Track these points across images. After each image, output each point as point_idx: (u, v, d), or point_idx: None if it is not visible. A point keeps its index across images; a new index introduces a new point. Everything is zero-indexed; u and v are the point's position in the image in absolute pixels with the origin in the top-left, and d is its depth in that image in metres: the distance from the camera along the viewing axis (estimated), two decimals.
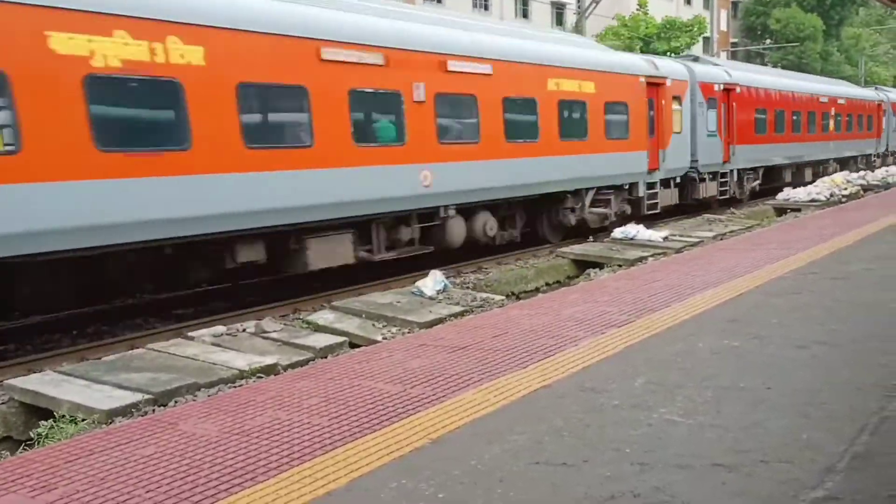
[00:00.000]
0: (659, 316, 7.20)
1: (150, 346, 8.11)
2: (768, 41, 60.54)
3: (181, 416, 5.10)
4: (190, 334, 8.54)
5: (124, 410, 6.16)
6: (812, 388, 4.95)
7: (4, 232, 7.57)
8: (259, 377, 6.84)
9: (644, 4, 42.13)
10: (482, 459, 4.04)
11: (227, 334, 8.55)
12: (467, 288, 11.53)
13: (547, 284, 13.09)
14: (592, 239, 15.80)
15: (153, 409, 6.14)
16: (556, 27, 42.28)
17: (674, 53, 39.13)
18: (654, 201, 18.03)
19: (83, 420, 6.14)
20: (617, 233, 15.27)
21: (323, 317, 9.55)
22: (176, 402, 6.30)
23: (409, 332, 8.49)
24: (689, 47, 41.04)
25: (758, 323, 6.73)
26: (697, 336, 6.38)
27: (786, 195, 22.36)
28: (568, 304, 8.04)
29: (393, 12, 12.27)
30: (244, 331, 8.71)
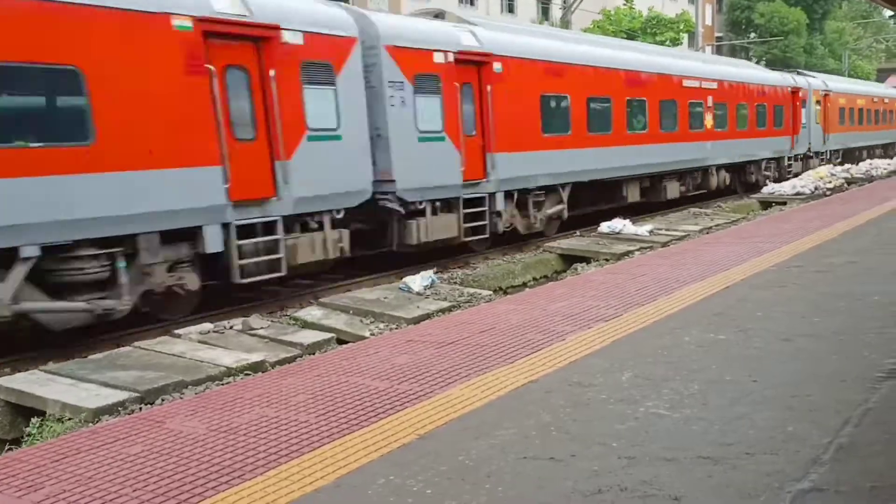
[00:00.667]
0: (645, 310, 7.23)
1: (136, 344, 8.08)
2: (753, 35, 60.82)
3: (168, 414, 5.08)
4: (177, 332, 8.52)
5: (111, 409, 6.13)
6: (797, 380, 4.99)
7: None
8: (246, 374, 6.83)
9: None
10: (470, 455, 4.05)
11: (214, 331, 8.53)
12: (454, 283, 11.53)
13: (534, 279, 13.12)
14: (580, 234, 15.85)
15: (140, 408, 6.12)
16: (541, 22, 42.26)
17: None
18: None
19: (70, 419, 6.11)
20: (603, 227, 15.33)
21: (310, 313, 9.54)
22: (163, 400, 6.28)
23: (396, 328, 8.50)
24: (675, 42, 41.16)
25: (743, 316, 6.78)
26: (684, 330, 6.42)
27: (770, 189, 22.50)
28: (555, 299, 8.06)
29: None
30: (231, 328, 8.69)
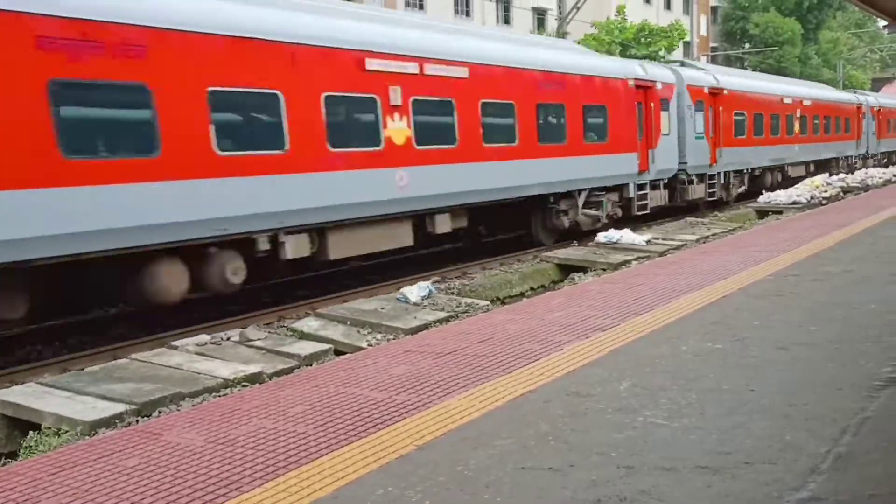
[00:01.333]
0: (643, 319, 7.23)
1: (133, 356, 8.05)
2: (748, 45, 61.08)
3: (165, 427, 5.07)
4: (174, 343, 8.50)
5: (108, 421, 6.11)
6: (794, 389, 4.99)
7: None
8: (244, 386, 6.81)
9: (623, 10, 42.40)
10: (468, 465, 4.04)
11: (212, 343, 8.52)
12: (452, 293, 11.53)
13: (531, 289, 13.12)
14: (577, 243, 15.86)
15: (137, 420, 6.09)
16: (536, 32, 42.40)
17: (652, 59, 39.43)
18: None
19: (66, 432, 6.09)
20: (601, 237, 15.34)
21: (308, 324, 9.52)
22: (160, 412, 6.26)
23: (394, 339, 8.49)
24: (669, 52, 41.31)
25: (740, 325, 6.79)
26: (681, 339, 6.42)
27: (767, 198, 22.55)
28: (552, 309, 8.07)
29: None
30: (228, 339, 8.67)
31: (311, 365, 7.46)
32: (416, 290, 10.57)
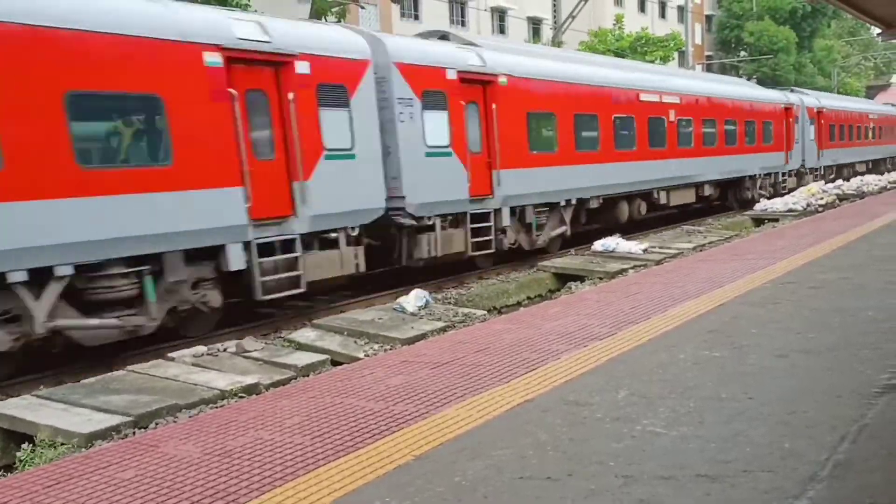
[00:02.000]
0: (640, 328, 7.23)
1: (129, 368, 8.02)
2: (743, 54, 61.30)
3: (162, 438, 5.05)
4: (170, 355, 8.47)
5: (104, 433, 6.08)
6: (793, 396, 4.98)
7: None
8: (241, 397, 6.79)
9: (620, 19, 42.58)
10: (466, 475, 4.03)
11: (208, 354, 8.49)
12: (449, 303, 11.52)
13: (528, 298, 13.12)
14: (573, 252, 15.86)
15: (133, 432, 6.07)
16: (532, 41, 42.52)
17: None
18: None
19: (63, 444, 6.06)
20: (597, 245, 15.35)
21: (304, 335, 9.50)
22: (157, 423, 6.23)
23: (391, 349, 8.47)
24: (665, 61, 41.47)
25: (738, 333, 6.78)
26: (679, 347, 6.41)
27: (763, 206, 22.59)
28: (549, 318, 8.06)
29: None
30: (225, 350, 8.65)
31: (307, 376, 7.44)
32: (413, 300, 10.55)
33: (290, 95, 10.18)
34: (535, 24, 48.56)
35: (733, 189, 24.29)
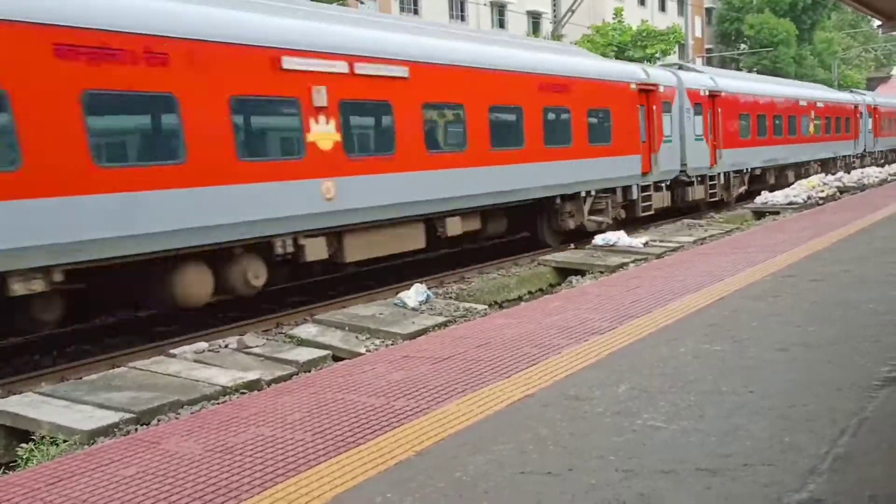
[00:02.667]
0: (641, 322, 7.23)
1: (131, 365, 8.04)
2: (743, 46, 61.21)
3: (164, 435, 5.06)
4: (172, 351, 8.49)
5: (106, 430, 6.10)
6: (793, 390, 4.99)
7: None
8: (242, 393, 6.81)
9: (620, 13, 42.49)
10: (467, 470, 4.03)
11: (210, 350, 8.51)
12: (450, 298, 11.53)
13: (529, 293, 13.12)
14: (574, 246, 15.88)
15: (135, 429, 6.09)
16: (532, 35, 42.47)
17: (649, 61, 39.48)
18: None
19: (64, 441, 6.07)
20: (598, 239, 15.36)
21: (306, 330, 9.52)
22: (158, 420, 6.25)
23: (392, 344, 8.48)
24: (665, 54, 41.40)
25: (738, 326, 6.78)
26: (679, 341, 6.42)
27: (764, 199, 22.58)
28: (550, 312, 8.06)
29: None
30: (227, 346, 8.66)
31: (309, 371, 7.46)
32: (413, 294, 10.56)
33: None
34: (535, 18, 48.52)
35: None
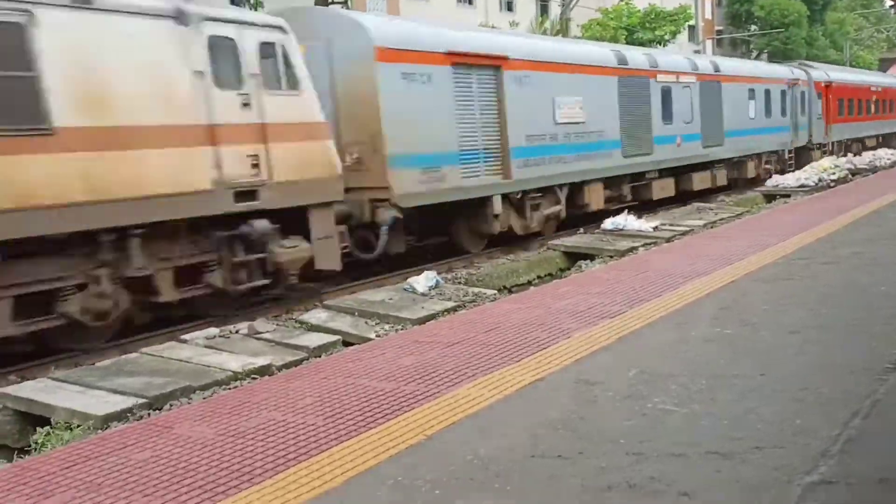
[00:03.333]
0: (651, 306, 7.22)
1: (143, 351, 8.08)
2: (753, 28, 60.62)
3: (176, 420, 5.09)
4: (183, 337, 8.52)
5: (119, 415, 6.14)
6: (805, 373, 4.98)
7: None
8: (253, 378, 6.83)
9: None
10: (478, 454, 4.05)
11: (220, 336, 8.53)
12: (459, 283, 11.53)
13: (538, 277, 13.10)
14: (582, 231, 15.84)
15: (148, 413, 6.12)
16: (539, 19, 42.15)
17: (658, 43, 39.19)
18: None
19: (78, 426, 6.12)
20: (607, 224, 15.30)
21: (316, 316, 9.54)
22: (171, 405, 6.29)
23: (401, 329, 8.50)
24: (674, 36, 41.06)
25: (750, 310, 6.77)
26: (690, 325, 6.41)
27: (774, 182, 22.45)
28: (560, 297, 8.06)
29: None
30: (237, 332, 8.69)
31: (319, 357, 7.48)
32: (423, 280, 10.57)
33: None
34: (543, 2, 48.15)
35: None
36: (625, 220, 15.18)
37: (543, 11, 46.84)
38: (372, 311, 9.47)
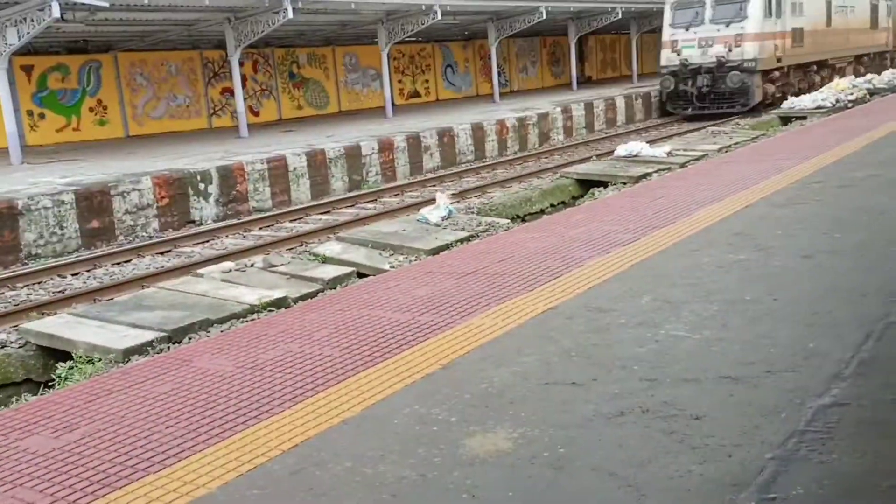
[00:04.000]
0: (664, 232, 7.20)
1: (160, 285, 8.18)
2: None
3: (195, 353, 5.18)
4: (199, 271, 8.61)
5: (140, 349, 6.24)
6: (818, 297, 4.98)
7: None
8: (270, 311, 6.91)
9: None
10: (492, 382, 4.10)
11: (236, 270, 8.60)
12: (472, 213, 11.52)
13: (552, 206, 13.07)
14: (596, 158, 15.71)
15: (168, 347, 6.22)
16: None
17: None
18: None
19: (100, 360, 6.24)
20: (620, 150, 15.15)
21: (330, 248, 9.58)
22: (190, 338, 6.38)
23: (415, 260, 8.53)
24: None
25: (763, 235, 6.73)
26: (703, 251, 6.40)
27: (791, 103, 22.06)
28: (573, 225, 8.04)
29: None
30: (252, 266, 8.76)
31: (334, 288, 7.54)
32: (435, 210, 10.56)
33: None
34: None
35: None
36: (639, 147, 15.02)
37: None
38: (385, 242, 9.50)
